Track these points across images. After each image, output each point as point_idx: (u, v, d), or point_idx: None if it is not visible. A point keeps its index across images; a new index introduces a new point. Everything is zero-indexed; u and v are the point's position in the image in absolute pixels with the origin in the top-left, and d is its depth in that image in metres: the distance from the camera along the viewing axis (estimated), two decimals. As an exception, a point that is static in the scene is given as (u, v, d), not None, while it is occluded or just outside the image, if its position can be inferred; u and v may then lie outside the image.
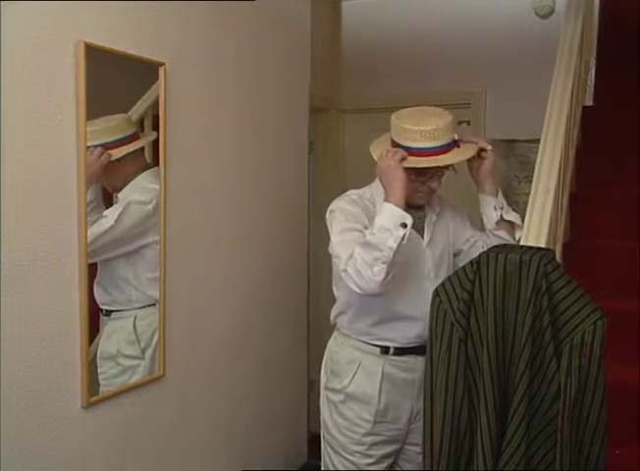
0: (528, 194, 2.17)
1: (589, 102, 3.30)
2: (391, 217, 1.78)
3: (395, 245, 1.75)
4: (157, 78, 1.97)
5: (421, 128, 1.86)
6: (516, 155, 3.55)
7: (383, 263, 1.75)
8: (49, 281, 1.68)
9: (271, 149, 2.68)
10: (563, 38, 2.64)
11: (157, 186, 1.98)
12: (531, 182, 2.21)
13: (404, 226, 1.77)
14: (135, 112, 1.95)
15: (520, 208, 3.49)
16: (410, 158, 1.87)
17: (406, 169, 1.87)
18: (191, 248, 2.21)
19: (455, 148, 1.92)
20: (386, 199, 1.84)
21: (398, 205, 1.80)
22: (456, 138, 1.92)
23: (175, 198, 2.09)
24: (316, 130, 3.57)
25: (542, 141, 2.30)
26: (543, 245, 1.96)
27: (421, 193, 1.98)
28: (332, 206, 1.99)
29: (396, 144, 1.91)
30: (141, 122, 1.98)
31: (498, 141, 3.57)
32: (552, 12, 3.03)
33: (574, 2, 2.76)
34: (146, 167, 2.00)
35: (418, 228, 2.02)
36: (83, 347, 1.77)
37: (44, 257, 1.66)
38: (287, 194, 2.82)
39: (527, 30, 3.33)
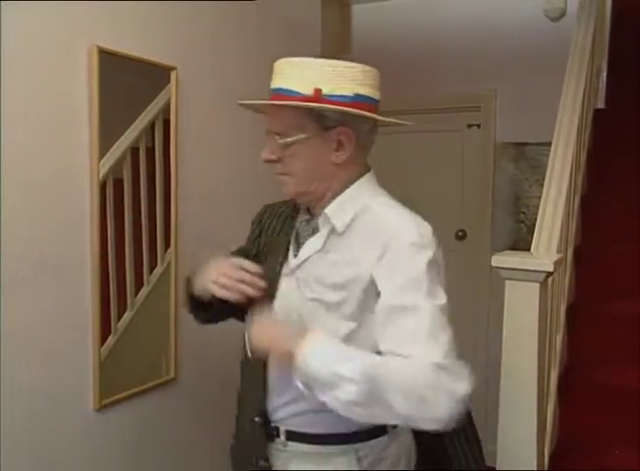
0: (539, 198, 2.17)
1: (600, 105, 3.29)
2: None
3: None
4: (168, 82, 1.98)
5: (277, 63, 1.35)
6: (527, 158, 3.54)
7: None
8: (62, 284, 1.69)
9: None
10: (575, 41, 2.63)
11: None
12: (542, 185, 2.21)
13: None
14: (147, 115, 1.96)
15: (531, 212, 3.50)
16: None
17: None
18: (203, 248, 2.21)
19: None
20: None
21: None
22: (310, 94, 1.23)
23: (187, 200, 2.10)
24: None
25: (553, 144, 2.30)
26: (555, 248, 1.96)
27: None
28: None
29: None
30: (152, 125, 1.98)
31: (508, 144, 3.57)
32: (563, 14, 3.02)
33: (586, 5, 2.76)
34: None
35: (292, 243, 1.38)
36: (95, 350, 1.78)
37: (57, 260, 1.67)
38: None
39: (538, 33, 3.32)
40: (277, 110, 1.28)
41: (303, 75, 1.26)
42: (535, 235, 2.02)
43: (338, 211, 1.28)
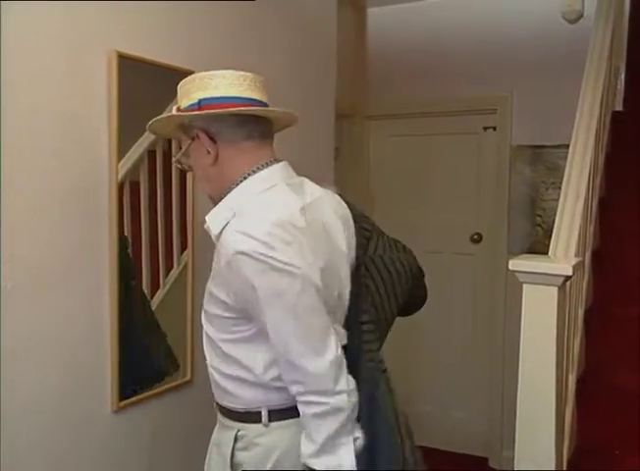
0: (556, 201, 2.16)
1: (619, 107, 3.27)
2: None
3: None
4: (186, 86, 1.99)
5: None
6: (543, 161, 3.52)
7: None
8: (80, 286, 1.71)
9: (297, 155, 2.68)
10: (593, 43, 2.62)
11: None
12: (559, 188, 2.19)
13: None
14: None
15: (547, 215, 3.48)
16: None
17: None
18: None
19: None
20: None
21: None
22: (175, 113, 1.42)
23: (202, 203, 2.10)
24: (342, 136, 3.57)
25: (571, 147, 2.28)
26: (573, 251, 1.94)
27: None
28: None
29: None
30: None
31: (525, 147, 3.55)
32: (580, 16, 3.00)
33: (604, 7, 2.74)
34: None
35: None
36: (114, 352, 1.79)
37: (75, 263, 1.69)
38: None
39: (555, 35, 3.30)
40: None
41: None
42: (553, 238, 2.01)
43: (215, 216, 1.39)
